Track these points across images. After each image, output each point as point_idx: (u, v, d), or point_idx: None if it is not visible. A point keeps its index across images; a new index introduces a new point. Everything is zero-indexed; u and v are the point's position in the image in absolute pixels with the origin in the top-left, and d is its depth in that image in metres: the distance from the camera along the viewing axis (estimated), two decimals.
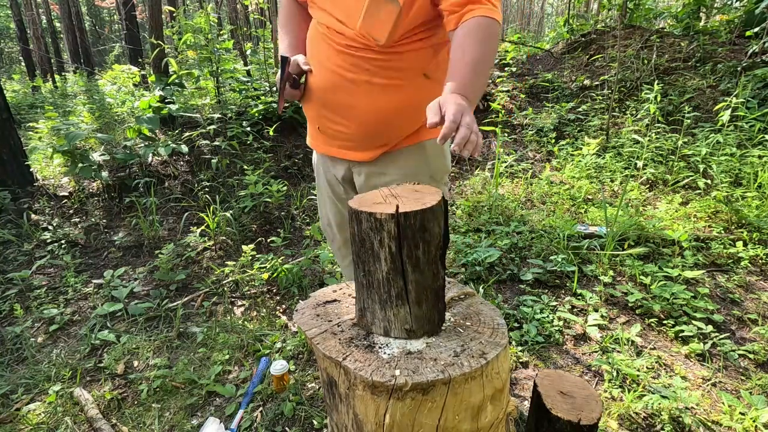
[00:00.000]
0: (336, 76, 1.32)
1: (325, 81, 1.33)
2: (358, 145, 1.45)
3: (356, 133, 1.41)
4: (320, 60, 1.33)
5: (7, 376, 1.90)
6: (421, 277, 0.87)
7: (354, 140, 1.43)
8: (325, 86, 1.34)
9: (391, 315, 0.90)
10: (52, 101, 7.18)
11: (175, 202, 3.44)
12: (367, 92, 1.34)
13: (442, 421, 0.83)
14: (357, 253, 0.89)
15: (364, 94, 1.34)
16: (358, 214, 0.85)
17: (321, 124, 1.43)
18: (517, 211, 3.23)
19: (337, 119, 1.39)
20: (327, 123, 1.42)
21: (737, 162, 3.37)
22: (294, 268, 2.46)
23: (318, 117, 1.43)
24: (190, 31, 4.08)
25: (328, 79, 1.33)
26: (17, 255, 2.83)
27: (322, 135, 1.46)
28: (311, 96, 1.39)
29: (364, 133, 1.42)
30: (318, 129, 1.46)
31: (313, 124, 1.48)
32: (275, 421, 1.62)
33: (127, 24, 7.15)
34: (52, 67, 12.14)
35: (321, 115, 1.41)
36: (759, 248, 2.52)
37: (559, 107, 4.83)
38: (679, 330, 1.95)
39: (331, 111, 1.38)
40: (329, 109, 1.38)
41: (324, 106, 1.39)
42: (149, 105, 3.97)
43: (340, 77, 1.32)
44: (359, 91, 1.33)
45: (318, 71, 1.34)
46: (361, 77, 1.32)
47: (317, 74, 1.35)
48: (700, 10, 5.82)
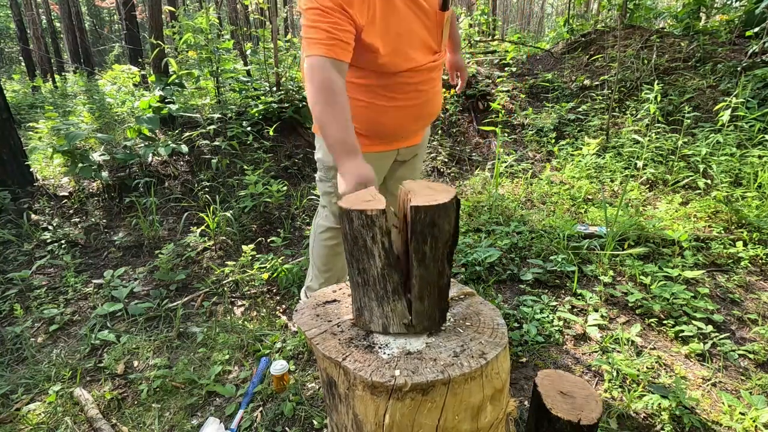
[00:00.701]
0: (426, 94, 1.56)
1: (419, 100, 1.55)
2: (422, 131, 1.77)
3: (428, 124, 1.75)
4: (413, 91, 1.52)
5: (7, 376, 1.90)
6: (426, 272, 0.87)
7: (423, 129, 1.75)
8: (419, 103, 1.55)
9: (388, 310, 0.90)
10: (52, 101, 7.18)
11: (175, 202, 3.44)
12: (439, 91, 1.65)
13: (441, 421, 0.83)
14: (350, 252, 0.90)
15: (438, 94, 1.65)
16: (349, 213, 0.85)
17: (406, 131, 1.65)
18: (517, 211, 3.23)
19: (422, 123, 1.67)
20: (413, 128, 1.65)
21: (737, 162, 3.37)
22: (294, 268, 2.46)
23: (406, 128, 1.63)
24: (190, 31, 4.08)
25: (423, 99, 1.55)
26: (17, 255, 2.83)
27: (399, 137, 1.66)
28: (402, 120, 1.58)
29: (431, 121, 1.77)
30: (402, 136, 1.66)
31: (395, 134, 1.63)
32: (275, 421, 1.62)
33: (127, 24, 7.15)
34: (52, 67, 12.14)
35: (409, 126, 1.62)
36: (759, 248, 2.52)
37: (559, 107, 4.83)
38: (679, 330, 1.95)
39: (421, 119, 1.64)
40: (421, 119, 1.63)
41: (417, 119, 1.62)
42: (149, 105, 3.97)
43: (430, 92, 1.57)
44: (439, 93, 1.66)
45: (409, 99, 1.53)
46: (438, 83, 1.63)
47: (410, 101, 1.53)
48: (700, 10, 5.82)
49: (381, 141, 1.63)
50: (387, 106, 1.53)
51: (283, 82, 4.55)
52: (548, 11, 30.40)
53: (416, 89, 1.53)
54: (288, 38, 6.19)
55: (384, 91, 1.50)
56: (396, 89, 1.50)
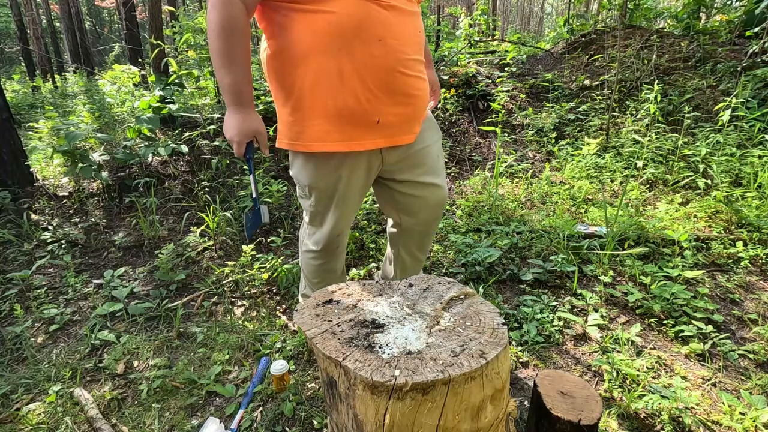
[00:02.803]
0: (400, 52, 1.26)
1: (391, 61, 1.24)
2: (414, 124, 1.41)
3: (418, 110, 1.39)
4: (377, 38, 1.20)
5: (7, 376, 1.90)
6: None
7: (412, 119, 1.39)
8: (391, 67, 1.25)
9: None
10: (52, 101, 7.18)
11: (175, 202, 3.44)
12: (421, 60, 1.36)
13: (442, 421, 0.83)
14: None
15: (421, 63, 1.36)
16: None
17: (383, 114, 1.31)
18: (517, 211, 3.23)
19: (404, 100, 1.33)
20: (391, 110, 1.31)
21: (737, 162, 3.37)
22: (294, 268, 2.46)
23: (381, 107, 1.29)
24: (190, 31, 4.08)
25: (395, 58, 1.24)
26: (17, 255, 2.83)
27: (380, 128, 1.32)
28: (367, 89, 1.25)
29: (422, 108, 1.42)
30: (378, 122, 1.31)
31: (369, 120, 1.30)
32: (275, 421, 1.62)
33: (127, 24, 7.15)
34: (52, 67, 12.13)
35: (385, 103, 1.29)
36: (759, 248, 2.52)
37: (559, 107, 4.83)
38: (679, 330, 1.95)
39: (399, 93, 1.30)
40: (398, 92, 1.30)
41: (391, 91, 1.28)
42: (149, 105, 3.97)
43: (406, 50, 1.27)
44: (421, 60, 1.35)
45: (376, 52, 1.21)
46: (420, 43, 1.33)
47: (376, 56, 1.21)
48: (700, 10, 5.82)
49: (347, 125, 1.29)
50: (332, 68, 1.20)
51: None
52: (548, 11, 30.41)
53: (380, 40, 1.21)
54: None
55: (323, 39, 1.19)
56: (347, 36, 1.18)
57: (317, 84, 1.23)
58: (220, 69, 1.17)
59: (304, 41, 1.20)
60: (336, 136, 1.30)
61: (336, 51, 1.19)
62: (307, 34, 1.19)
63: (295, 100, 1.28)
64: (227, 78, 1.17)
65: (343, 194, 1.45)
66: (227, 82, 1.17)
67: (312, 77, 1.22)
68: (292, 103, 1.29)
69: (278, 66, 1.27)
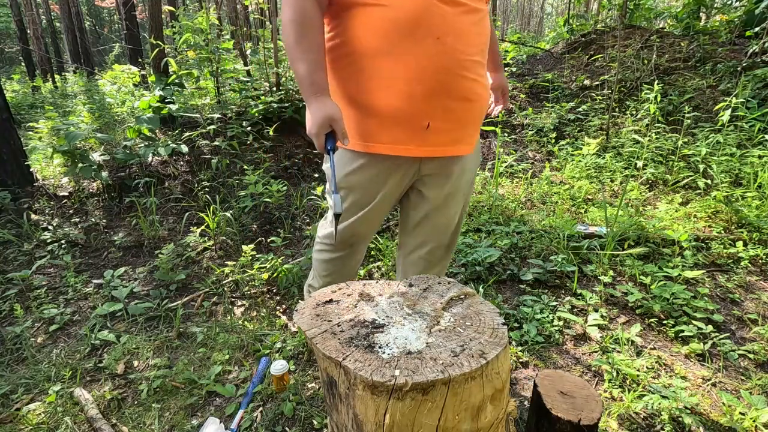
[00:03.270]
0: (460, 53, 1.18)
1: (448, 61, 1.17)
2: (467, 135, 1.32)
3: (474, 118, 1.31)
4: (434, 36, 1.15)
5: (7, 376, 1.90)
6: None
7: (466, 128, 1.30)
8: (448, 68, 1.18)
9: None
10: (52, 101, 7.18)
11: (175, 202, 3.44)
12: (482, 62, 1.28)
13: (442, 421, 0.83)
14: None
15: (483, 66, 1.28)
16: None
17: (434, 119, 1.23)
18: (517, 211, 3.23)
19: (459, 105, 1.24)
20: (443, 115, 1.23)
21: (737, 162, 3.37)
22: (294, 268, 2.46)
23: (432, 111, 1.22)
24: (189, 31, 4.08)
25: (452, 58, 1.17)
26: (17, 255, 2.83)
27: (428, 134, 1.24)
28: (419, 91, 1.18)
29: (479, 116, 1.34)
30: (427, 128, 1.23)
31: (417, 124, 1.23)
32: (275, 421, 1.62)
33: (127, 24, 7.15)
34: (52, 67, 12.14)
35: (437, 107, 1.21)
36: (759, 248, 2.52)
37: (559, 107, 4.83)
38: (679, 330, 1.95)
39: (454, 98, 1.22)
40: (453, 96, 1.22)
41: (445, 94, 1.20)
42: (149, 105, 3.97)
43: (466, 50, 1.19)
44: (482, 63, 1.27)
45: (432, 51, 1.15)
46: (484, 44, 1.25)
47: (432, 55, 1.16)
48: (700, 10, 5.82)
49: (395, 127, 1.23)
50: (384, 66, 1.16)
51: (283, 82, 4.55)
52: (548, 11, 30.41)
53: (438, 38, 1.15)
54: None
55: (376, 35, 1.16)
56: (401, 32, 1.14)
57: (367, 82, 1.20)
58: (294, 62, 1.15)
59: (357, 37, 1.18)
60: (382, 137, 1.25)
61: (389, 48, 1.15)
62: (361, 29, 1.17)
63: (345, 97, 1.26)
64: (301, 68, 1.14)
65: (372, 198, 1.38)
66: (301, 73, 1.14)
67: (363, 75, 1.20)
68: (343, 100, 1.26)
69: (334, 61, 1.25)
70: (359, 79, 1.21)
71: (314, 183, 3.81)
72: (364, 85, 1.20)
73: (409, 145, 1.25)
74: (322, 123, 1.12)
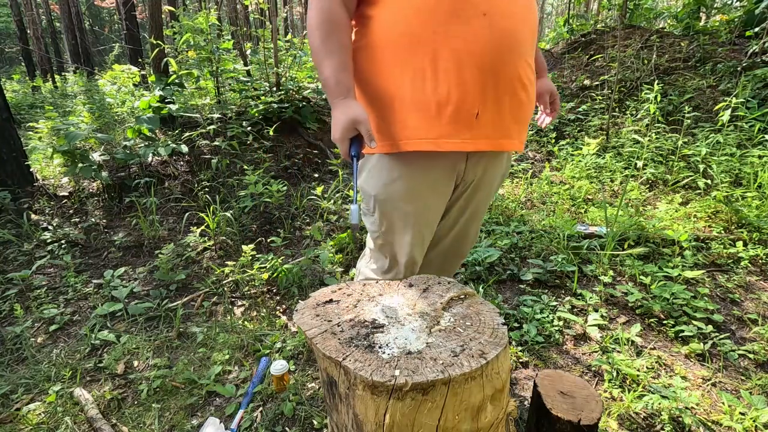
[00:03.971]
0: (511, 31, 1.05)
1: (498, 40, 1.04)
2: (521, 126, 1.18)
3: (526, 107, 1.16)
4: (480, 12, 1.02)
5: (7, 376, 1.90)
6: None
7: (519, 119, 1.16)
8: (498, 48, 1.04)
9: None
10: (52, 101, 7.18)
11: (175, 202, 3.44)
12: (533, 46, 1.13)
13: (442, 421, 0.83)
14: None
15: (533, 51, 1.13)
16: None
17: (484, 107, 1.08)
18: (517, 211, 3.23)
19: (512, 91, 1.10)
20: (494, 104, 1.09)
21: (737, 162, 3.37)
22: (294, 268, 2.46)
23: (482, 97, 1.07)
24: (189, 31, 4.08)
25: (502, 37, 1.04)
26: (17, 255, 2.83)
27: (478, 125, 1.09)
28: (467, 76, 1.05)
29: (531, 106, 1.19)
30: (477, 116, 1.08)
31: (466, 113, 1.08)
32: (275, 421, 1.62)
33: (127, 24, 7.15)
34: (52, 67, 12.14)
35: (487, 93, 1.07)
36: (759, 248, 2.52)
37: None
38: (679, 330, 1.95)
39: (507, 82, 1.08)
40: (505, 80, 1.08)
41: (496, 78, 1.06)
42: (149, 105, 3.97)
43: (518, 29, 1.06)
44: (533, 45, 1.12)
45: (479, 30, 1.03)
46: (535, 24, 1.11)
47: (479, 35, 1.03)
48: (700, 10, 5.82)
49: (439, 118, 1.08)
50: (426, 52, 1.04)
51: (283, 82, 4.55)
52: (548, 11, 30.40)
53: (484, 14, 1.03)
54: (288, 38, 6.19)
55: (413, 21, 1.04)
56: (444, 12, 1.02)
57: (406, 73, 1.07)
58: (319, 64, 1.08)
59: (394, 23, 1.07)
60: (423, 132, 1.09)
61: (431, 35, 1.03)
62: (397, 14, 1.06)
63: (376, 98, 1.13)
64: (326, 70, 1.07)
65: (422, 208, 1.19)
66: (326, 74, 1.07)
67: (401, 66, 1.07)
68: (372, 101, 1.14)
69: (365, 58, 1.13)
70: (394, 73, 1.08)
71: (314, 183, 3.81)
72: (400, 78, 1.08)
73: (456, 139, 1.09)
74: (348, 126, 1.03)
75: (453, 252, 1.45)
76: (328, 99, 1.09)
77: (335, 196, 3.32)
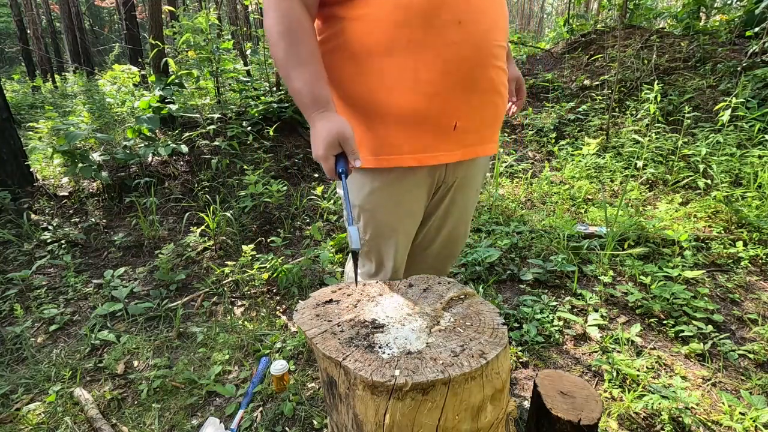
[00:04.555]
0: (485, 39, 1.03)
1: (473, 49, 1.02)
2: (495, 131, 1.17)
3: (500, 112, 1.16)
4: (455, 20, 0.99)
5: (7, 376, 1.90)
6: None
7: (493, 124, 1.15)
8: (473, 57, 1.02)
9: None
10: (52, 101, 7.18)
11: (175, 202, 3.44)
12: (505, 47, 1.12)
13: (442, 421, 0.83)
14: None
15: (505, 53, 1.12)
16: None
17: (462, 117, 1.07)
18: (517, 211, 3.23)
19: (488, 99, 1.10)
20: (471, 112, 1.08)
21: (737, 162, 3.37)
22: (294, 268, 2.46)
23: (460, 107, 1.06)
24: (189, 32, 4.08)
25: (477, 46, 1.02)
26: (17, 255, 2.83)
27: (456, 135, 1.09)
28: (444, 86, 1.02)
29: (504, 110, 1.19)
30: (455, 128, 1.08)
31: (444, 124, 1.07)
32: (275, 421, 1.62)
33: (127, 24, 7.16)
34: (52, 67, 12.14)
35: (465, 102, 1.06)
36: (759, 248, 2.52)
37: (559, 107, 4.83)
38: (679, 330, 1.95)
39: (483, 90, 1.07)
40: (482, 89, 1.07)
41: (473, 87, 1.05)
42: (149, 105, 3.97)
43: (492, 35, 1.04)
44: (505, 48, 1.11)
45: (455, 38, 1.00)
46: (507, 26, 1.10)
47: (455, 43, 1.00)
48: (700, 10, 5.82)
49: (418, 131, 1.07)
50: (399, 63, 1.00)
51: (283, 82, 4.54)
52: (548, 11, 30.40)
53: (459, 23, 0.99)
54: None
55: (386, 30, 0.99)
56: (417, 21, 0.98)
57: (381, 86, 1.03)
58: (288, 77, 0.99)
59: (363, 34, 1.01)
60: (404, 147, 1.08)
61: (405, 41, 0.98)
62: (367, 24, 1.00)
63: (353, 107, 1.09)
64: (297, 83, 0.98)
65: (404, 215, 1.21)
66: (298, 87, 0.98)
67: (374, 78, 1.03)
68: (350, 111, 1.10)
69: (334, 67, 1.07)
70: (370, 82, 1.04)
71: (314, 183, 3.81)
72: (377, 89, 1.04)
73: (436, 152, 1.09)
74: (332, 142, 0.95)
75: (445, 254, 1.45)
76: (303, 113, 1.01)
77: (335, 196, 3.32)
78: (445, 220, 1.33)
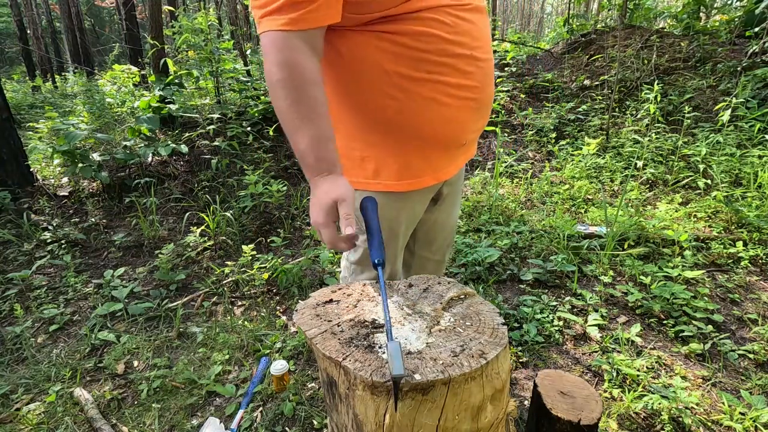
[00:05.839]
0: (488, 61, 1.05)
1: (482, 76, 1.04)
2: (477, 137, 1.21)
3: (484, 123, 1.18)
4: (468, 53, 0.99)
5: (7, 376, 1.90)
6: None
7: (479, 132, 1.19)
8: (483, 82, 1.04)
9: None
10: (52, 101, 7.18)
11: (175, 202, 3.44)
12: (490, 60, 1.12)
13: (442, 421, 0.83)
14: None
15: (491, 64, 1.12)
16: None
17: (470, 133, 1.11)
18: (517, 211, 3.23)
19: (487, 113, 1.13)
20: (475, 127, 1.12)
21: (737, 162, 3.37)
22: (294, 268, 2.46)
23: (470, 126, 1.09)
24: (188, 32, 4.08)
25: (485, 72, 1.05)
26: (17, 255, 2.83)
27: (464, 149, 1.15)
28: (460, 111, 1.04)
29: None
30: (464, 144, 1.12)
31: (458, 143, 1.11)
32: (275, 421, 1.62)
33: (127, 24, 7.16)
34: (52, 67, 12.14)
35: (474, 120, 1.09)
36: (759, 248, 2.52)
37: (559, 107, 4.83)
38: (679, 330, 1.95)
39: (486, 108, 1.11)
40: (486, 107, 1.10)
41: (482, 108, 1.09)
42: (149, 105, 3.98)
43: (490, 56, 1.06)
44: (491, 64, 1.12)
45: (469, 69, 1.01)
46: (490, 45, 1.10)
47: (469, 73, 1.01)
48: (700, 10, 5.82)
49: (434, 153, 1.09)
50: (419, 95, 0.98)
51: None
52: (548, 11, 30.42)
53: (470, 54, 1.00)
54: None
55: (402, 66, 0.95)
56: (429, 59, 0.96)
57: (412, 112, 1.00)
58: (290, 132, 0.89)
59: (381, 61, 0.96)
60: (427, 169, 1.10)
61: (424, 74, 0.97)
62: (379, 58, 0.95)
63: (378, 133, 1.05)
64: (302, 142, 0.88)
65: (406, 228, 1.23)
66: (302, 148, 0.88)
67: (393, 110, 1.00)
68: (375, 137, 1.05)
69: (344, 95, 1.03)
70: (384, 115, 1.01)
71: None
72: (393, 121, 1.01)
73: (448, 168, 1.14)
74: (333, 208, 0.87)
75: (444, 250, 1.51)
76: (306, 174, 0.92)
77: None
78: (447, 222, 1.39)
